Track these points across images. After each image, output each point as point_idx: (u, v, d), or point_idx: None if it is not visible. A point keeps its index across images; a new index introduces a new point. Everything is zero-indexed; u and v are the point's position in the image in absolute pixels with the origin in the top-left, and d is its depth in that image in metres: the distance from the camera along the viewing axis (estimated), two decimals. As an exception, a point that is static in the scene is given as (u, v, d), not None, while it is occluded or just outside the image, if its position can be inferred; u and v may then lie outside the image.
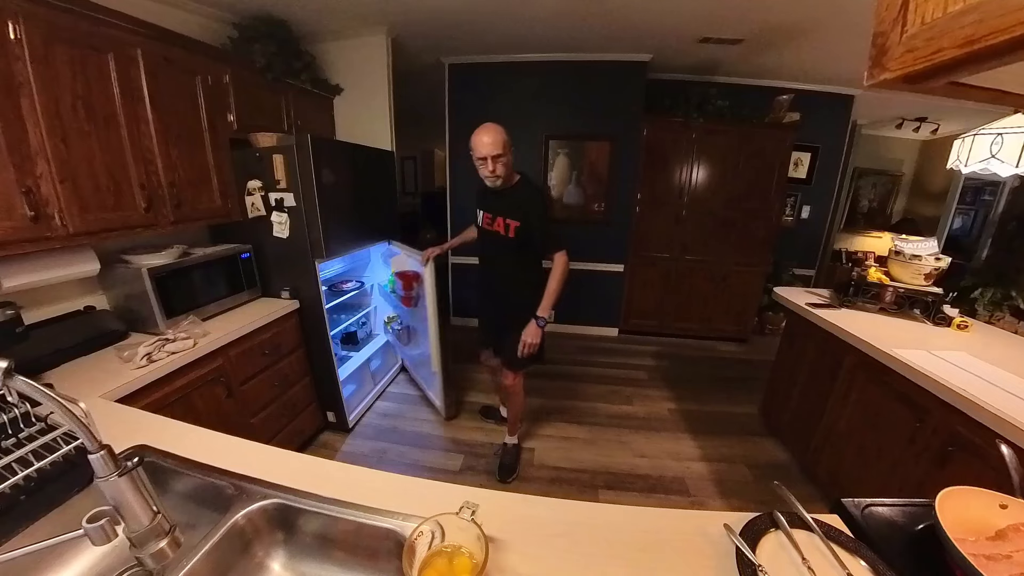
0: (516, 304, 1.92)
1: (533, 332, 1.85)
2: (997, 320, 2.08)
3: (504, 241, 1.85)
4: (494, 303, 2.05)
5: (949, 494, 0.72)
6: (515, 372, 2.06)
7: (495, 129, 1.70)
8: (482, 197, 1.95)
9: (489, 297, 2.08)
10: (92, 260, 1.57)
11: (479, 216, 1.97)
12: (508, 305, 1.97)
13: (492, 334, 2.14)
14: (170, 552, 0.58)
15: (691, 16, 2.53)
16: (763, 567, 0.65)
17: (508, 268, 1.94)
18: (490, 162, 1.71)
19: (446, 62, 3.57)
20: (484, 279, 2.08)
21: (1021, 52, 0.43)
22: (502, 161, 1.73)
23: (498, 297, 2.01)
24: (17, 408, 0.93)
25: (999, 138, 1.44)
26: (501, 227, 1.84)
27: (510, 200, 1.83)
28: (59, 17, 1.30)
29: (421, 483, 0.87)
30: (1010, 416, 1.19)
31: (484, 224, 1.94)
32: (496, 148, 1.69)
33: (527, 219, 1.79)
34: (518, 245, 1.84)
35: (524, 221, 1.79)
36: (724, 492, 2.10)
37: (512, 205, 1.82)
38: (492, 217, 1.88)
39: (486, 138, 1.69)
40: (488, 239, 1.96)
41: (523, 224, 1.79)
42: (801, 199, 4.21)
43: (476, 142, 1.71)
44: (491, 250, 1.97)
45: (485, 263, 2.05)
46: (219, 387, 1.72)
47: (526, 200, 1.81)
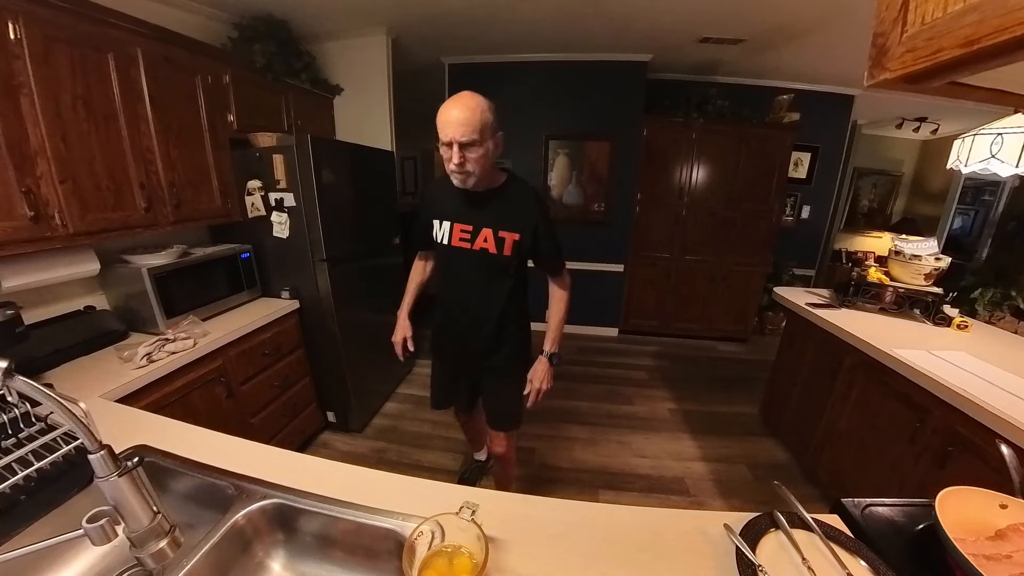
0: (504, 346, 1.46)
1: (544, 373, 1.43)
2: (997, 320, 2.08)
3: (490, 262, 1.35)
4: (469, 347, 1.49)
5: (949, 494, 0.72)
6: (509, 433, 1.61)
7: (470, 101, 1.14)
8: (445, 202, 1.38)
9: (461, 339, 1.50)
10: (92, 260, 1.57)
11: (443, 230, 1.38)
12: (492, 348, 1.46)
13: (466, 388, 1.64)
14: (170, 552, 0.58)
15: (691, 16, 2.53)
16: (763, 567, 0.65)
17: (493, 298, 1.40)
18: (456, 151, 1.15)
19: (446, 62, 3.57)
20: (451, 315, 1.50)
21: (1021, 52, 0.43)
22: (478, 152, 1.17)
23: (477, 339, 1.46)
24: (17, 408, 0.93)
25: (999, 138, 1.43)
26: (489, 243, 1.33)
27: (501, 205, 1.33)
28: (59, 17, 1.30)
29: (421, 483, 0.87)
30: (1010, 416, 1.19)
31: (456, 241, 1.36)
32: (469, 130, 1.13)
33: (533, 230, 1.33)
34: (512, 266, 1.37)
35: (527, 233, 1.33)
36: (724, 492, 2.10)
37: (505, 212, 1.32)
38: (471, 230, 1.34)
39: (456, 113, 1.13)
40: (460, 262, 1.39)
41: (525, 237, 1.33)
42: (801, 199, 4.21)
43: (440, 118, 1.15)
44: (465, 275, 1.41)
45: (455, 294, 1.46)
46: (219, 387, 1.72)
47: (526, 204, 1.35)
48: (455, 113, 1.13)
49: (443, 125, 1.15)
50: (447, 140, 1.15)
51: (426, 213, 1.44)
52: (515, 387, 1.51)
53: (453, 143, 1.15)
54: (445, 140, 1.16)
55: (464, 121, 1.13)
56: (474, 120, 1.13)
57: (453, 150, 1.16)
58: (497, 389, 1.55)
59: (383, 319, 2.77)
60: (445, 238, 1.38)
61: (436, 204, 1.41)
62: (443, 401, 1.73)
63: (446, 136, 1.15)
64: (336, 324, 2.23)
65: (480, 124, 1.14)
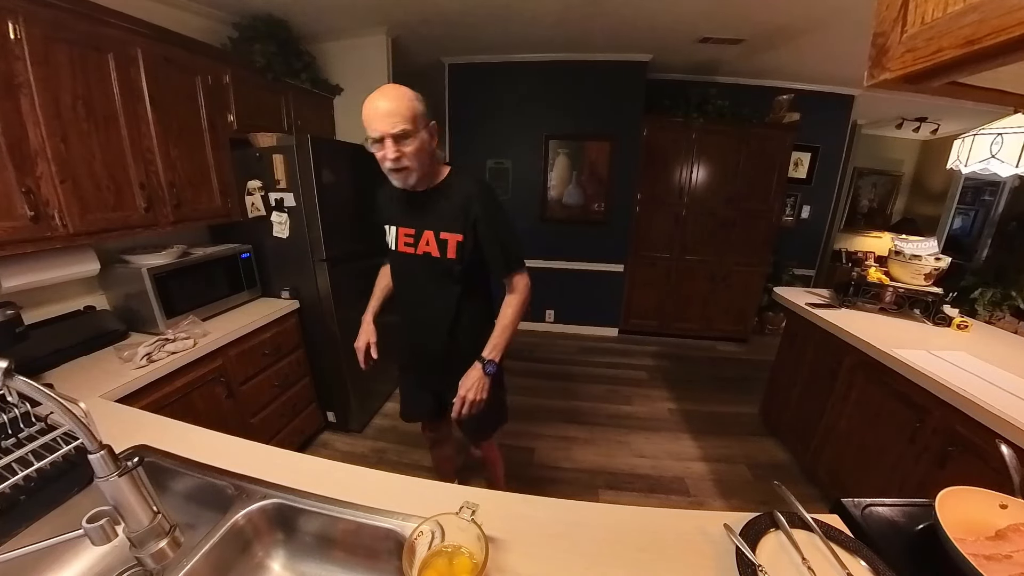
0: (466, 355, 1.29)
1: (475, 382, 1.23)
2: (997, 320, 2.08)
3: (434, 266, 1.24)
4: (427, 357, 1.40)
5: (949, 494, 0.72)
6: (487, 439, 1.58)
7: (395, 91, 1.06)
8: (390, 206, 1.30)
9: (418, 349, 1.42)
10: (92, 260, 1.57)
11: (391, 235, 1.30)
12: (451, 359, 1.33)
13: (431, 399, 1.52)
14: (170, 552, 0.58)
15: (691, 16, 2.53)
16: (763, 567, 0.65)
17: (443, 305, 1.29)
18: (390, 145, 1.06)
19: (446, 62, 3.57)
20: (405, 324, 1.41)
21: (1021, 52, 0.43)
22: (413, 144, 1.07)
23: (433, 349, 1.36)
24: (17, 408, 0.93)
25: (999, 138, 1.43)
26: (431, 246, 1.22)
27: (441, 204, 1.21)
28: (59, 17, 1.30)
29: (421, 483, 0.87)
30: (1010, 416, 1.19)
31: (401, 246, 1.27)
32: (399, 120, 1.04)
33: (475, 228, 1.20)
34: (460, 269, 1.24)
35: (469, 232, 1.20)
36: (724, 492, 2.10)
37: (446, 211, 1.20)
38: (414, 233, 1.24)
39: (383, 104, 1.04)
40: (406, 267, 1.31)
41: (468, 237, 1.20)
42: (801, 199, 4.21)
43: (365, 115, 1.06)
44: (413, 282, 1.32)
45: (406, 301, 1.39)
46: (219, 387, 1.72)
47: (468, 200, 1.19)
48: (382, 104, 1.04)
49: (370, 120, 1.05)
50: (377, 135, 1.06)
51: (378, 218, 1.36)
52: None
53: (385, 137, 1.05)
54: (375, 136, 1.06)
55: (392, 111, 1.04)
56: (403, 108, 1.04)
57: (386, 145, 1.06)
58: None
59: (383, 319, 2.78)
60: (392, 243, 1.30)
61: (383, 209, 1.33)
62: (410, 413, 1.61)
63: (375, 131, 1.05)
64: (336, 324, 2.23)
65: (410, 112, 1.05)
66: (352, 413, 2.45)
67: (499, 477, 1.78)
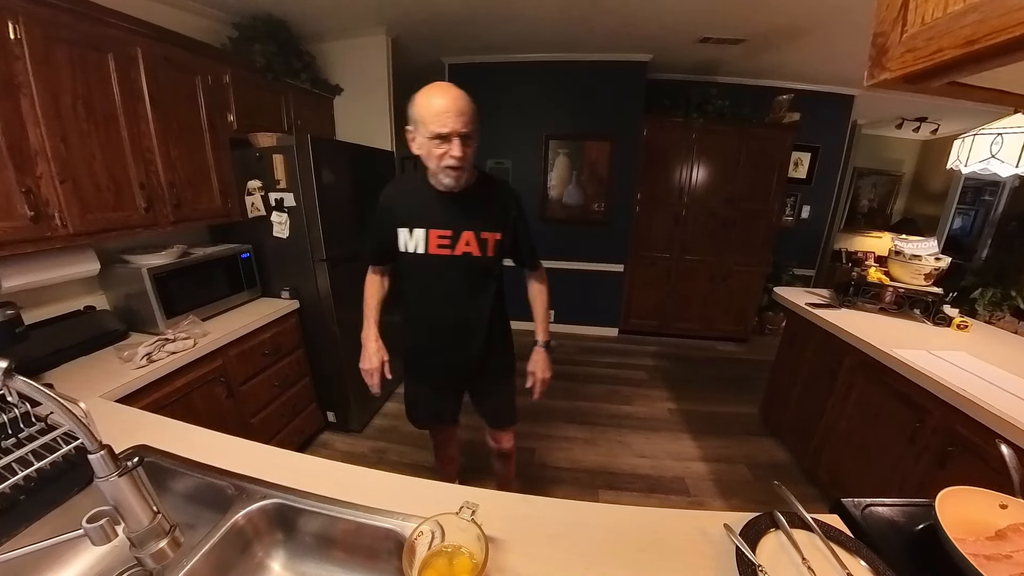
0: (495, 348, 1.41)
1: (546, 363, 1.42)
2: (997, 320, 2.08)
3: (474, 265, 1.26)
4: (460, 359, 1.39)
5: (949, 494, 0.72)
6: (513, 427, 1.61)
7: (460, 91, 1.07)
8: (415, 208, 1.24)
9: (449, 353, 1.39)
10: (92, 260, 1.57)
11: (416, 239, 1.24)
12: (485, 354, 1.38)
13: (453, 400, 1.54)
14: (170, 552, 0.58)
15: (691, 16, 2.52)
16: (763, 567, 0.65)
17: (481, 303, 1.33)
18: (458, 144, 1.06)
19: (446, 62, 3.57)
20: (433, 330, 1.38)
21: (1021, 52, 0.43)
22: (474, 146, 1.12)
23: (468, 349, 1.37)
24: (17, 408, 0.93)
25: (999, 138, 1.43)
26: (471, 246, 1.24)
27: (479, 205, 1.23)
28: (59, 17, 1.30)
29: (421, 483, 0.87)
30: (1010, 416, 1.19)
31: (434, 249, 1.24)
32: (469, 120, 1.07)
33: (514, 226, 1.28)
34: (496, 266, 1.31)
35: (508, 230, 1.27)
36: (724, 492, 2.10)
37: (484, 211, 1.24)
38: (451, 234, 1.23)
39: (457, 102, 1.04)
40: (440, 271, 1.27)
41: (506, 235, 1.27)
42: (801, 199, 4.21)
43: (433, 108, 1.04)
44: (449, 284, 1.29)
45: (436, 306, 1.34)
46: (219, 387, 1.72)
47: (504, 199, 1.27)
48: (456, 102, 1.04)
49: (437, 115, 1.04)
50: (447, 132, 1.05)
51: (388, 223, 1.27)
52: (511, 384, 1.52)
53: (454, 135, 1.05)
54: (445, 132, 1.05)
55: (464, 110, 1.05)
56: (472, 111, 1.07)
57: (454, 144, 1.06)
58: (496, 391, 1.52)
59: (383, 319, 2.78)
60: (419, 247, 1.24)
61: (403, 211, 1.25)
62: (428, 417, 1.60)
63: (446, 127, 1.04)
64: (336, 324, 2.23)
65: (476, 116, 1.09)
66: (352, 413, 2.45)
67: (513, 472, 1.83)
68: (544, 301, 1.44)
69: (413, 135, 1.13)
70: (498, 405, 1.55)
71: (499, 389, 1.52)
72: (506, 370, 1.50)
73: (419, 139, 1.11)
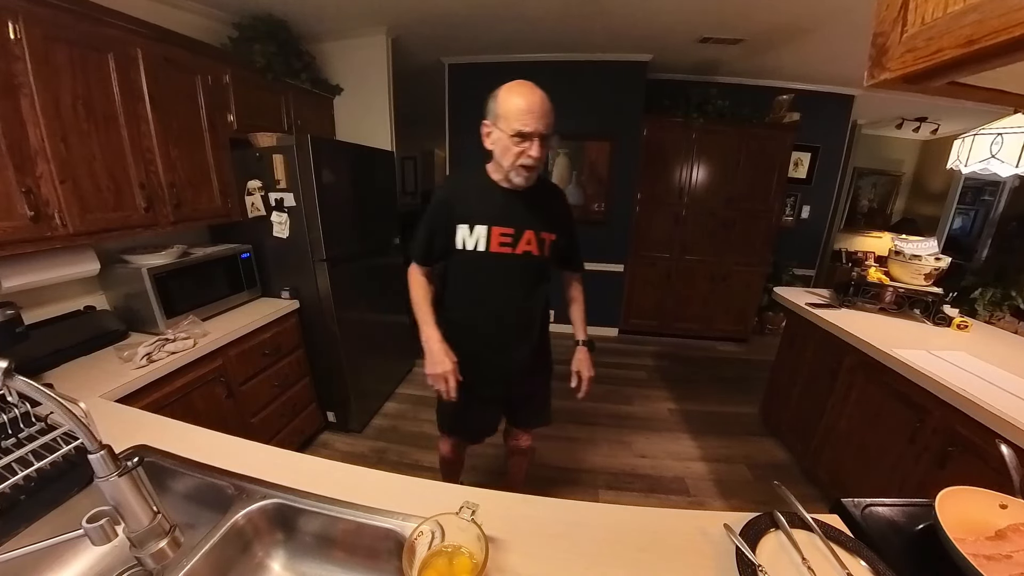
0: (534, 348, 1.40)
1: (590, 361, 1.41)
2: (997, 320, 2.08)
3: (532, 265, 1.25)
4: (511, 362, 1.36)
5: (949, 494, 0.72)
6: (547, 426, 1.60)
7: (544, 94, 1.09)
8: (478, 204, 1.21)
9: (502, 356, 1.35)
10: (92, 260, 1.57)
11: (477, 235, 1.20)
12: (532, 355, 1.40)
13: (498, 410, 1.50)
14: (170, 552, 0.58)
15: (691, 16, 2.53)
16: (763, 567, 0.65)
17: (535, 304, 1.34)
18: (537, 144, 1.08)
19: (446, 62, 3.57)
20: (485, 333, 1.31)
21: (1021, 52, 0.43)
22: (546, 147, 1.13)
23: (521, 351, 1.36)
24: (17, 408, 0.92)
25: (999, 138, 1.44)
26: (532, 245, 1.22)
27: (538, 205, 1.23)
28: (59, 17, 1.30)
29: (421, 483, 0.87)
30: (1010, 416, 1.19)
31: (496, 247, 1.20)
32: (550, 122, 1.09)
33: (566, 228, 1.31)
34: (549, 267, 1.32)
35: (561, 231, 1.28)
36: (724, 492, 2.10)
37: (543, 211, 1.24)
38: (513, 233, 1.20)
39: (540, 101, 1.06)
40: (498, 270, 1.24)
41: (559, 236, 1.27)
42: (801, 199, 4.21)
43: (519, 106, 1.05)
44: (506, 284, 1.26)
45: (491, 307, 1.29)
46: (219, 387, 1.72)
47: (559, 202, 1.31)
48: (540, 103, 1.06)
49: (522, 113, 1.05)
50: (530, 131, 1.06)
51: (446, 218, 1.22)
52: (549, 384, 1.54)
53: (536, 135, 1.07)
54: (527, 130, 1.06)
55: (547, 112, 1.08)
56: (552, 113, 1.09)
57: (535, 143, 1.08)
58: (536, 391, 1.51)
59: (383, 319, 2.78)
60: (480, 244, 1.20)
61: (464, 207, 1.21)
62: (483, 431, 1.50)
63: (529, 126, 1.06)
64: (336, 324, 2.23)
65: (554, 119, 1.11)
66: (352, 413, 2.45)
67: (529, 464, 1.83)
68: (583, 302, 1.48)
69: (490, 129, 1.13)
70: (538, 406, 1.54)
71: (540, 390, 1.52)
72: (546, 369, 1.51)
73: (497, 134, 1.11)
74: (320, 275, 2.15)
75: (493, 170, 1.21)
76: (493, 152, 1.16)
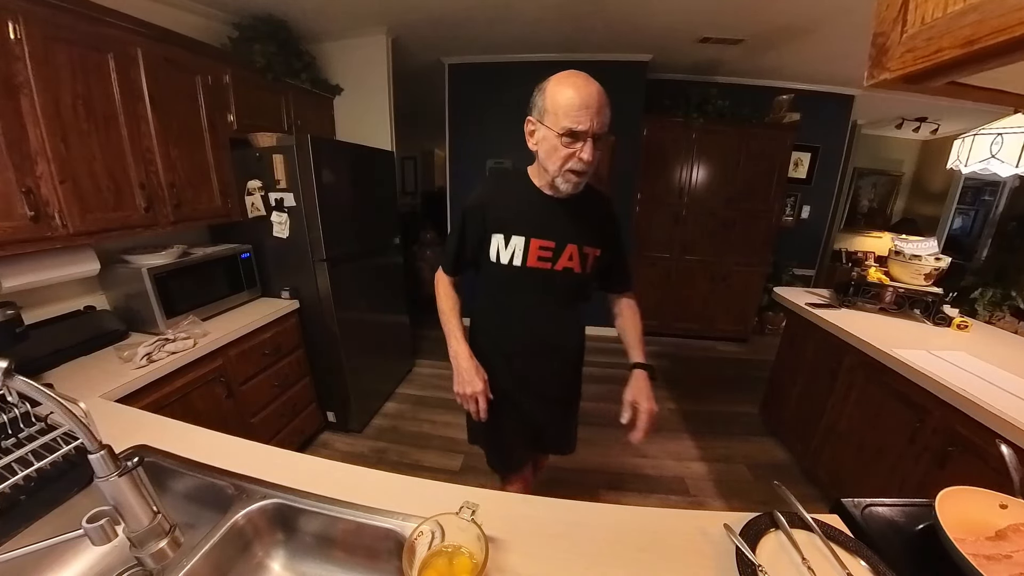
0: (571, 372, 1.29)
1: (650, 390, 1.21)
2: (997, 320, 2.08)
3: (571, 282, 1.11)
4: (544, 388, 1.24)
5: (949, 494, 0.72)
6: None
7: (601, 88, 0.93)
8: (516, 212, 1.07)
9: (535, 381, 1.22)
10: (92, 260, 1.57)
11: (513, 247, 1.06)
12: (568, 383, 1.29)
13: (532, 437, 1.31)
14: (170, 552, 0.58)
15: (691, 16, 2.53)
16: (763, 567, 0.65)
17: (573, 326, 1.24)
18: (590, 146, 0.92)
19: (446, 62, 3.57)
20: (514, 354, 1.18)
21: (1021, 52, 0.43)
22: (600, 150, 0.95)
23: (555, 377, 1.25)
24: (17, 408, 0.92)
25: (999, 138, 1.44)
26: (574, 261, 1.08)
27: (582, 215, 1.08)
28: (59, 17, 1.30)
29: (421, 483, 0.87)
30: (1010, 416, 1.19)
31: (533, 261, 1.07)
32: (607, 121, 0.93)
33: (613, 241, 1.15)
34: (591, 286, 1.20)
35: (606, 246, 1.13)
36: (724, 492, 2.10)
37: (587, 223, 1.08)
38: (554, 247, 1.06)
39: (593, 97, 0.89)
40: (534, 286, 1.11)
41: (604, 251, 1.12)
42: (801, 199, 4.21)
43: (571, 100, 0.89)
44: (541, 303, 1.14)
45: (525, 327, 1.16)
46: (219, 387, 1.72)
47: (604, 211, 1.14)
48: (597, 98, 0.90)
49: (574, 108, 0.89)
50: (583, 130, 0.90)
51: (479, 226, 1.09)
52: (577, 409, 1.39)
53: (588, 134, 0.91)
54: (580, 129, 0.90)
55: (604, 106, 0.91)
56: (609, 107, 0.92)
57: (587, 145, 0.91)
58: (564, 419, 1.36)
59: (383, 319, 2.78)
60: (517, 258, 1.06)
61: (500, 214, 1.07)
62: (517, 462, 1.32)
63: (582, 124, 0.89)
64: (336, 324, 2.23)
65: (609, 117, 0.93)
66: (352, 413, 2.45)
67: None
68: (638, 317, 1.27)
69: (534, 127, 0.99)
70: (565, 434, 1.38)
71: (568, 417, 1.36)
72: (577, 397, 1.37)
73: (542, 132, 0.96)
74: (320, 275, 2.15)
75: (536, 174, 1.07)
76: (537, 154, 1.01)
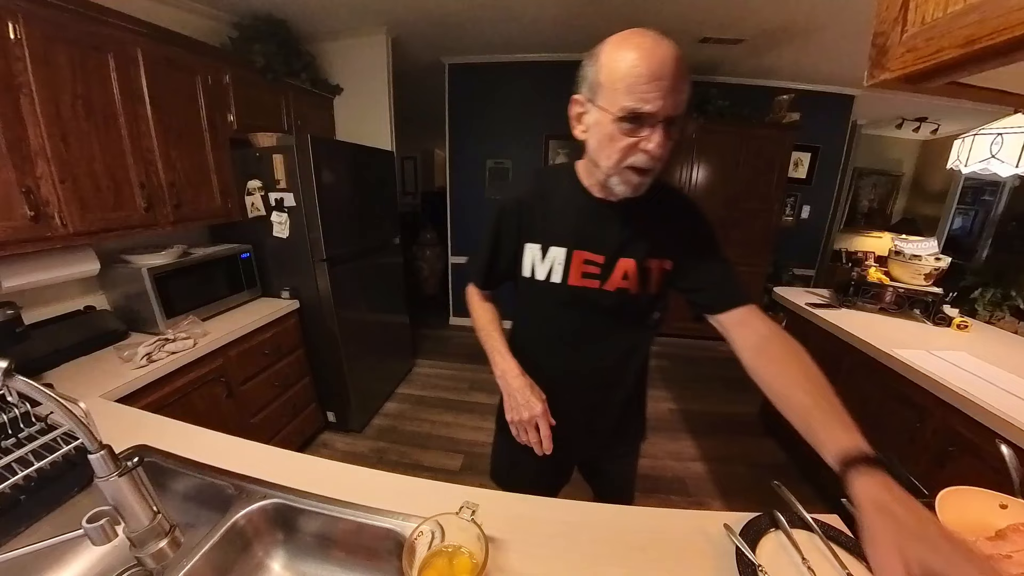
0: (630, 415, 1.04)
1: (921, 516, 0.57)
2: (997, 320, 2.08)
3: (628, 305, 0.88)
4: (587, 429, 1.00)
5: (949, 494, 0.72)
6: None
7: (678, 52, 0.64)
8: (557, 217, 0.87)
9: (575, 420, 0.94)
10: (92, 260, 1.57)
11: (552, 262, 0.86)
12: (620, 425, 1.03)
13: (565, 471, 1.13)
14: (170, 552, 0.58)
15: (691, 16, 2.53)
16: (763, 567, 0.65)
17: (629, 358, 0.97)
18: (660, 133, 0.66)
19: (446, 62, 3.57)
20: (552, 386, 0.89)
21: (1021, 52, 0.43)
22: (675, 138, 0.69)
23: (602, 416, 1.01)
24: (17, 408, 0.93)
25: (999, 138, 1.44)
26: (630, 280, 0.85)
27: (648, 220, 0.84)
28: (59, 17, 1.30)
29: (421, 483, 0.87)
30: (1010, 416, 1.19)
31: (576, 279, 0.86)
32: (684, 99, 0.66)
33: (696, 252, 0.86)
34: (659, 307, 0.94)
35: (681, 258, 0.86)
36: (724, 492, 2.10)
37: (651, 230, 0.84)
38: (603, 262, 0.84)
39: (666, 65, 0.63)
40: (579, 308, 0.89)
41: (677, 264, 0.87)
42: (801, 199, 4.21)
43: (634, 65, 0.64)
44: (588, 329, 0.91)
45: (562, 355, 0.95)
46: (219, 387, 1.72)
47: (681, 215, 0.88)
48: (671, 65, 0.63)
49: (639, 81, 0.63)
50: (653, 111, 0.64)
51: (511, 234, 0.90)
52: (636, 456, 1.17)
53: (660, 118, 0.65)
54: (647, 110, 0.64)
55: (681, 79, 0.64)
56: (687, 81, 0.66)
57: (656, 132, 0.66)
58: (622, 472, 1.15)
59: (383, 319, 2.78)
60: (556, 274, 0.86)
61: (535, 220, 0.87)
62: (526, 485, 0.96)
63: (648, 102, 0.64)
64: (336, 324, 2.23)
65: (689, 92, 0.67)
66: (352, 413, 2.45)
67: None
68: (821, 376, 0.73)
69: (583, 108, 0.75)
70: (621, 484, 1.17)
71: (626, 471, 1.17)
72: (637, 446, 1.14)
73: (594, 115, 0.71)
74: (320, 275, 2.15)
75: (585, 171, 0.86)
76: (586, 143, 0.78)
